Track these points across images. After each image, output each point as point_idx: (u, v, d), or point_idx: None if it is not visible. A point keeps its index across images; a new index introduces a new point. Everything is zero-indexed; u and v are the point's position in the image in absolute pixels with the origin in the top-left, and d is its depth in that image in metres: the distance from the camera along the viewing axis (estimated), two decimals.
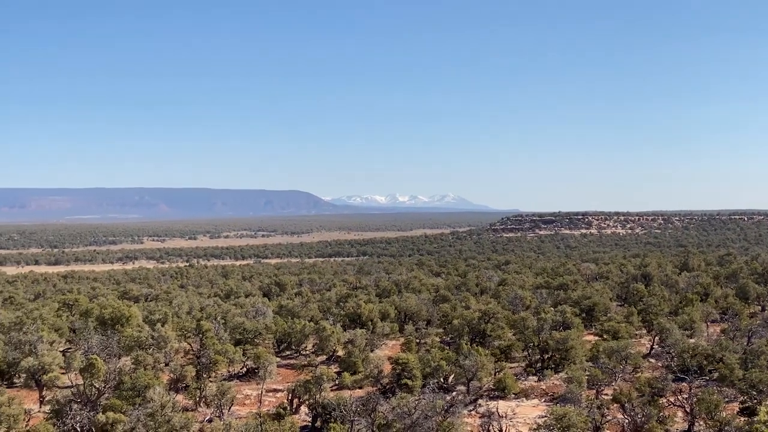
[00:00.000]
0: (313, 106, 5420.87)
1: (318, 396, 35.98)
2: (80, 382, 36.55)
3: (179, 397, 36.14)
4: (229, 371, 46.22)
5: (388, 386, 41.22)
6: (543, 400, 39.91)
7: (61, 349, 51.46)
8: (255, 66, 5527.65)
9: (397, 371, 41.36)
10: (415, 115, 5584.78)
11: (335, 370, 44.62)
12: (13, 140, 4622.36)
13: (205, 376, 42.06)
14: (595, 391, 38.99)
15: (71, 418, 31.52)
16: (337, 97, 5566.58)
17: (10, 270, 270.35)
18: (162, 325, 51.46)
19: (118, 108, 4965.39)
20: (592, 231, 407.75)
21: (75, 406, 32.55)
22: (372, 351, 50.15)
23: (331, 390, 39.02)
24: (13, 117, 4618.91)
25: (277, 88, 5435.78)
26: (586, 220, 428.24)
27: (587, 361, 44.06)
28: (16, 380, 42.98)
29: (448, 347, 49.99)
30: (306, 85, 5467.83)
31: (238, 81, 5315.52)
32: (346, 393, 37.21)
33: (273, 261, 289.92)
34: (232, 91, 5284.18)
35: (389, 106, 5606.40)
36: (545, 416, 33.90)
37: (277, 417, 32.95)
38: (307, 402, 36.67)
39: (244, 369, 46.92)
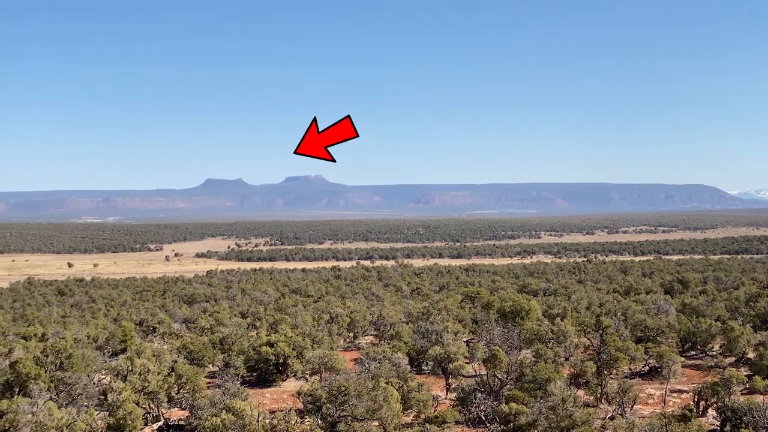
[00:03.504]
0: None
1: (727, 399, 33.19)
2: (483, 372, 37.66)
3: (580, 393, 35.58)
4: (630, 369, 44.62)
5: None
6: None
7: (465, 339, 53.67)
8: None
9: None
10: None
11: (745, 373, 40.83)
12: (420, 142, 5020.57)
13: (605, 372, 41.00)
14: None
15: (476, 407, 32.51)
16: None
17: (417, 262, 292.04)
18: (561, 320, 51.33)
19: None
20: None
21: (479, 395, 33.53)
22: None
23: (742, 394, 35.77)
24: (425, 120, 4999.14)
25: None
26: None
27: None
28: (424, 367, 45.60)
29: None
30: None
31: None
32: (758, 398, 33.78)
33: (674, 257, 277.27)
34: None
35: None
36: None
37: (683, 419, 30.91)
38: (714, 405, 34.05)
39: (647, 367, 45.00)
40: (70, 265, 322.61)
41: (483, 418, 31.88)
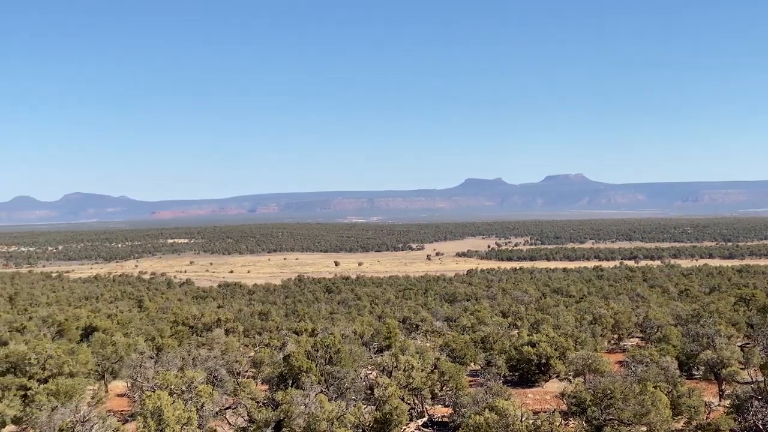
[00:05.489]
0: None
1: None
2: (760, 378, 34.69)
3: None
4: None
5: None
6: None
7: (739, 343, 49.90)
8: None
9: None
10: None
11: None
12: (689, 140, 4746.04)
13: None
14: None
15: (752, 415, 29.99)
16: None
17: (684, 263, 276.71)
18: None
19: None
20: None
21: (756, 402, 30.89)
22: None
23: None
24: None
25: None
26: None
27: None
28: (694, 372, 42.94)
29: None
30: None
31: None
32: None
33: None
34: None
35: None
36: None
37: None
38: None
39: None
40: (336, 264, 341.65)
41: (761, 427, 29.34)
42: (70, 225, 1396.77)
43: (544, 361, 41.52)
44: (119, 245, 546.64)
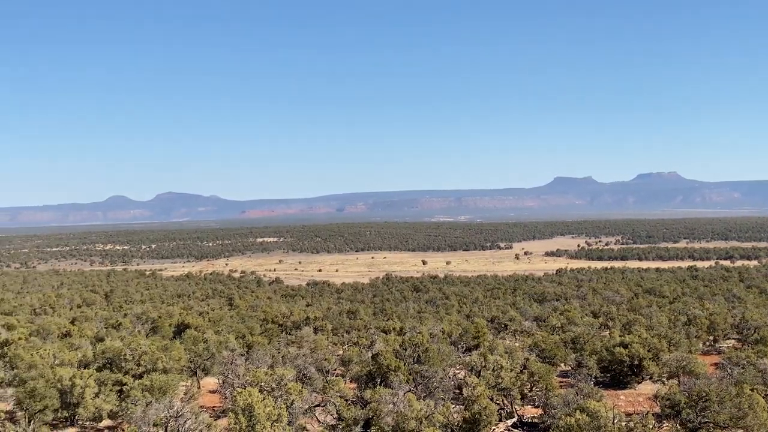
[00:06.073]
0: None
1: None
2: None
3: None
4: None
5: None
6: None
7: None
8: None
9: None
10: None
11: None
12: None
13: None
14: None
15: None
16: None
17: None
18: None
19: None
20: None
21: None
22: None
23: None
24: None
25: None
26: None
27: None
28: None
29: None
30: None
31: None
32: None
33: None
34: None
35: None
36: None
37: None
38: None
39: None
40: (424, 263, 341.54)
41: None
42: (162, 224, 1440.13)
43: (636, 362, 40.60)
44: (210, 244, 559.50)
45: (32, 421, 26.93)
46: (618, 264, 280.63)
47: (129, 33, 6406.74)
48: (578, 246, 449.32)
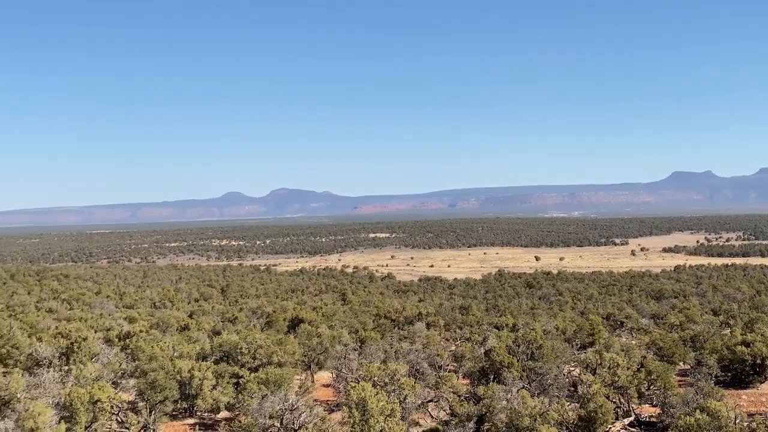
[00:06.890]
0: None
1: None
2: None
3: None
4: None
5: None
6: None
7: None
8: None
9: None
10: None
11: None
12: None
13: None
14: None
15: None
16: None
17: None
18: None
19: None
20: None
21: None
22: None
23: None
24: None
25: None
26: None
27: None
28: None
29: None
30: None
31: None
32: None
33: None
34: None
35: None
36: None
37: None
38: None
39: None
40: (537, 258, 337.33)
41: None
42: (276, 219, 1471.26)
43: (759, 361, 39.08)
44: (323, 239, 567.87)
45: (153, 412, 28.02)
46: (739, 261, 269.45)
47: (249, 40, 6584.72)
48: (697, 242, 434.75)
